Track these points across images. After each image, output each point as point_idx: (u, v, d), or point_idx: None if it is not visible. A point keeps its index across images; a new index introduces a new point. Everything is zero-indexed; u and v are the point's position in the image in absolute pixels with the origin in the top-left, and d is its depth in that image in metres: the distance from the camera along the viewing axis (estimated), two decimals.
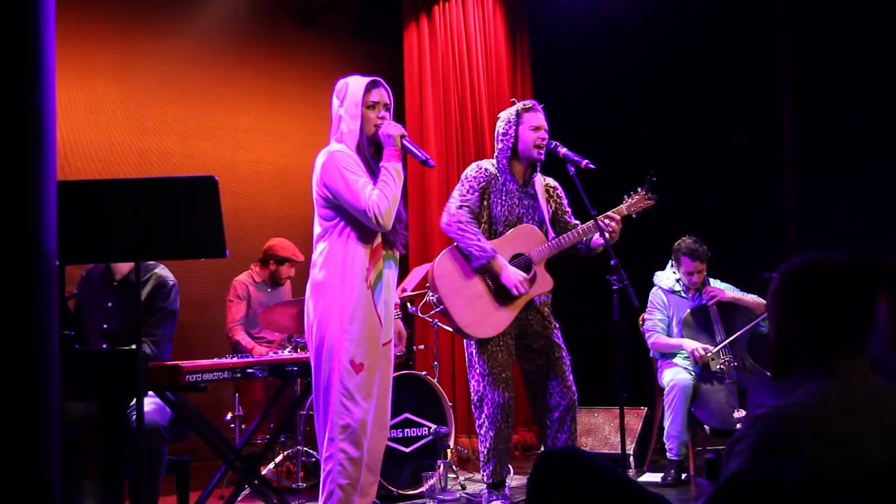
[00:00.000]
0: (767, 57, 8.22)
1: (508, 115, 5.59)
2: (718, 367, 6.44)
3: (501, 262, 5.41)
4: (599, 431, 7.58)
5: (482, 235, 5.42)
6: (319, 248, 4.50)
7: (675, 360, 6.73)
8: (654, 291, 6.91)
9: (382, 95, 4.58)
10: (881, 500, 2.15)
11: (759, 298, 6.60)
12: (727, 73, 8.44)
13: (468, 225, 5.41)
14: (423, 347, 7.38)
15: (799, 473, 2.12)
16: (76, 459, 4.75)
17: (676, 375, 6.55)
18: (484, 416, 5.51)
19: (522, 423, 8.32)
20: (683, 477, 6.51)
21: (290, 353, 5.96)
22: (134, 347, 4.15)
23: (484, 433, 5.52)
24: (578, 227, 5.61)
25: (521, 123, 5.54)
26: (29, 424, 2.34)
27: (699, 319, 6.64)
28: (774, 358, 2.38)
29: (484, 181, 5.53)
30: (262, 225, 8.16)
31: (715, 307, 6.63)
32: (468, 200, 5.48)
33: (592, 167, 5.23)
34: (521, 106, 5.59)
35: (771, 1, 8.21)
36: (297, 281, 7.36)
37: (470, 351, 5.56)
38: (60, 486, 2.39)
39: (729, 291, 6.71)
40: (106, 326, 5.17)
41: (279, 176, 8.48)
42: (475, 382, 5.52)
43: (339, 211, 4.45)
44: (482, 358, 5.47)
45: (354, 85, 4.55)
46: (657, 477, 6.63)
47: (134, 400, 4.68)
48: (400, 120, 6.84)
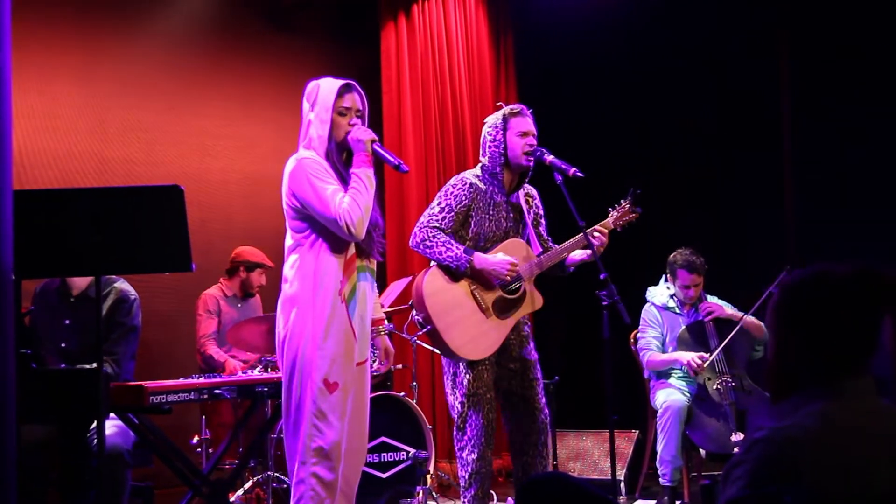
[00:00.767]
0: (766, 57, 8.27)
1: (495, 120, 5.55)
2: (715, 387, 6.44)
3: (480, 257, 5.37)
4: (588, 456, 7.58)
5: (450, 240, 5.38)
6: (290, 260, 4.48)
7: (669, 380, 6.73)
8: (646, 308, 6.90)
9: (355, 101, 4.56)
10: None
11: (757, 320, 6.58)
12: (720, 77, 8.48)
13: (434, 237, 5.38)
14: (401, 367, 7.37)
15: (800, 500, 2.12)
16: (34, 486, 4.72)
17: (670, 396, 6.54)
18: (466, 438, 5.48)
19: (505, 447, 8.32)
20: None
21: (260, 372, 5.93)
22: (94, 366, 4.13)
23: (465, 457, 5.50)
24: (568, 241, 5.58)
25: (508, 129, 5.51)
26: None
27: (695, 336, 6.63)
28: (774, 377, 2.37)
29: (467, 200, 5.46)
30: (230, 237, 8.12)
31: (712, 324, 6.62)
32: (441, 221, 5.43)
33: (581, 175, 5.22)
34: (507, 110, 5.55)
35: (767, 1, 8.26)
36: (268, 295, 7.34)
37: (454, 370, 5.51)
38: None
39: (727, 308, 6.71)
40: (64, 345, 5.15)
41: (249, 185, 8.46)
42: (459, 404, 5.48)
43: (309, 222, 4.44)
44: (468, 378, 5.43)
45: (326, 88, 4.53)
46: None
47: (94, 423, 4.65)
48: (377, 125, 6.83)
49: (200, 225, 7.88)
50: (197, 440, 6.60)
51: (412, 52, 8.43)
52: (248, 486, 6.53)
